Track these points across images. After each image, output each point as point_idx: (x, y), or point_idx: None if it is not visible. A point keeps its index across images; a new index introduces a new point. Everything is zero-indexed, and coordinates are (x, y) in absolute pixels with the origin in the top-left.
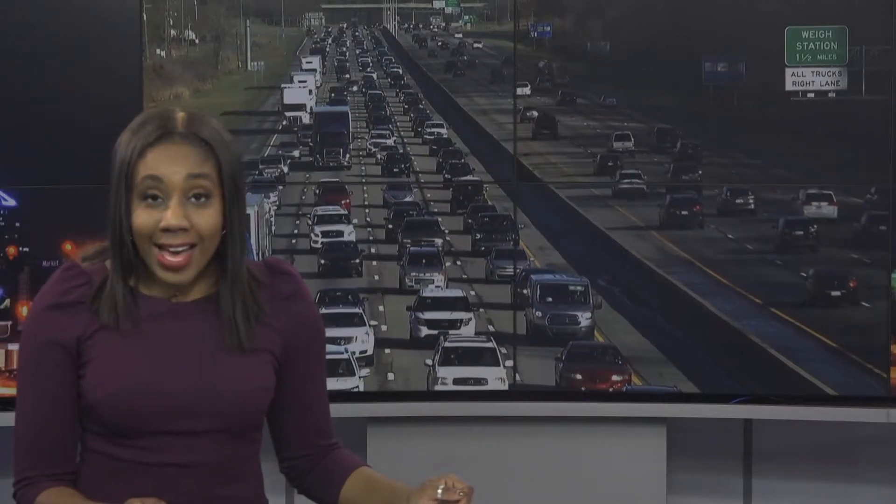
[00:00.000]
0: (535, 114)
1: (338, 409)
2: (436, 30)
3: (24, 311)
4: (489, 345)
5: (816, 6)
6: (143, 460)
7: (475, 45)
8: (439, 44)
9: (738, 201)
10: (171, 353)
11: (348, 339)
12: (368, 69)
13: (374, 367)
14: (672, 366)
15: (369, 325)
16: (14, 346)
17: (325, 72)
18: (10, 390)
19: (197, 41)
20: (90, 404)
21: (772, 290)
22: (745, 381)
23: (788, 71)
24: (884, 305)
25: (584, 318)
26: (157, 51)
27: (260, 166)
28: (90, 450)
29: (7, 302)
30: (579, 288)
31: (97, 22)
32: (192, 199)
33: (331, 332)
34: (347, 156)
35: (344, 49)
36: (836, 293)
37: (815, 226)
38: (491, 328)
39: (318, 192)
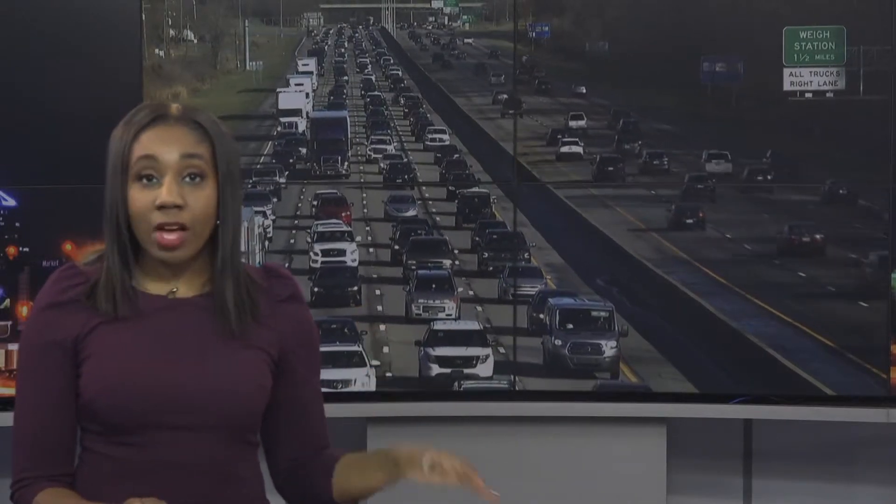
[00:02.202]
0: (504, 96)
1: (338, 409)
2: (430, 28)
3: (24, 311)
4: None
5: (814, 6)
6: (142, 459)
7: (466, 40)
8: (432, 40)
9: (655, 162)
10: (168, 348)
11: (346, 383)
12: (366, 70)
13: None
14: (672, 366)
15: (370, 366)
16: (14, 346)
17: (322, 73)
18: (9, 390)
19: (195, 41)
20: (88, 401)
21: (654, 221)
22: (745, 381)
23: (786, 71)
24: (884, 305)
25: (609, 348)
26: (156, 51)
27: (253, 178)
28: (89, 450)
29: (7, 302)
30: (603, 314)
31: (97, 22)
32: (187, 179)
33: (326, 374)
34: (346, 164)
35: (342, 50)
36: (689, 220)
37: (714, 179)
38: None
39: (315, 204)
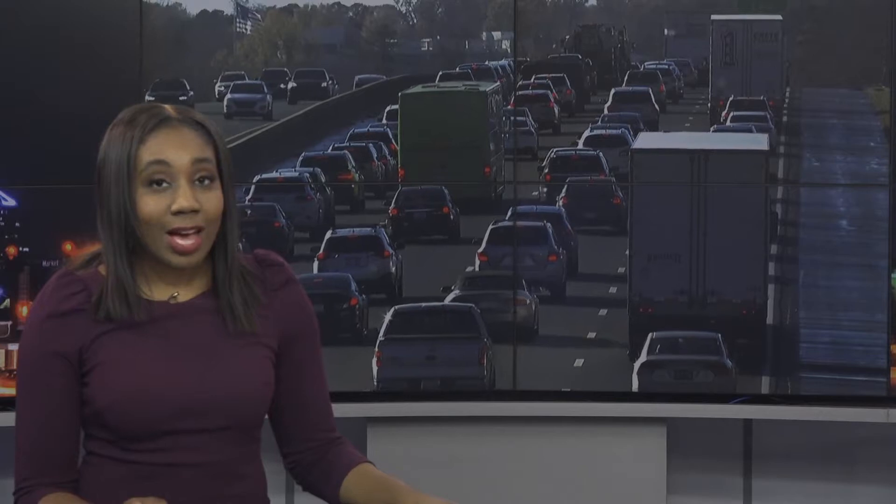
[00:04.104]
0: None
1: (338, 409)
2: None
3: (24, 311)
4: None
5: None
6: (151, 462)
7: None
8: None
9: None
10: (176, 355)
11: None
12: None
13: None
14: None
15: None
16: (14, 346)
17: None
18: (9, 390)
19: None
20: (97, 410)
21: None
22: (746, 381)
23: None
24: (884, 305)
25: None
26: None
27: None
28: (95, 454)
29: (7, 302)
30: None
31: (97, 21)
32: (197, 183)
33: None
34: None
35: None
36: None
37: None
38: None
39: None
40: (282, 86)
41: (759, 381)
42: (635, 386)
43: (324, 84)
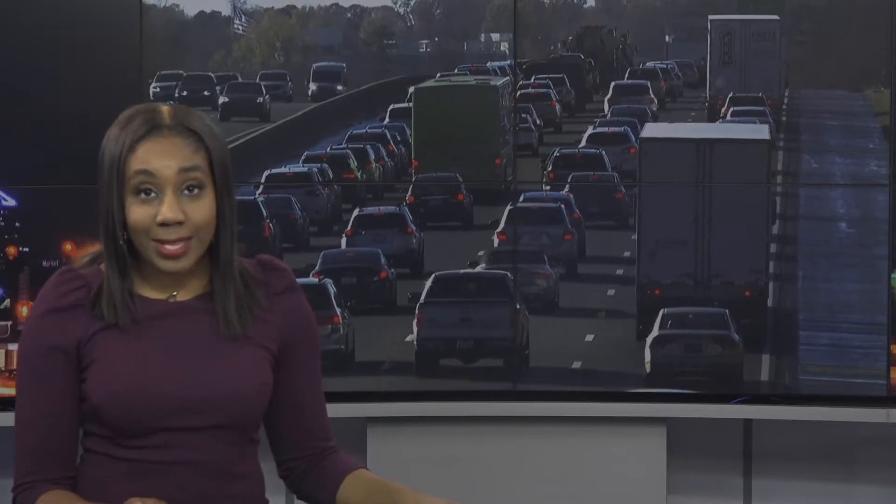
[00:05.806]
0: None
1: (338, 409)
2: None
3: (24, 311)
4: None
5: None
6: (148, 459)
7: None
8: None
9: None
10: (173, 351)
11: None
12: None
13: None
14: None
15: None
16: (14, 346)
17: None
18: (9, 390)
19: None
20: (94, 405)
21: None
22: (746, 381)
23: None
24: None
25: None
26: None
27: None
28: (92, 452)
29: (7, 302)
30: None
31: (97, 21)
32: (186, 192)
33: None
34: None
35: None
36: None
37: None
38: None
39: None
40: (205, 93)
41: (761, 359)
42: (648, 359)
43: (259, 99)
